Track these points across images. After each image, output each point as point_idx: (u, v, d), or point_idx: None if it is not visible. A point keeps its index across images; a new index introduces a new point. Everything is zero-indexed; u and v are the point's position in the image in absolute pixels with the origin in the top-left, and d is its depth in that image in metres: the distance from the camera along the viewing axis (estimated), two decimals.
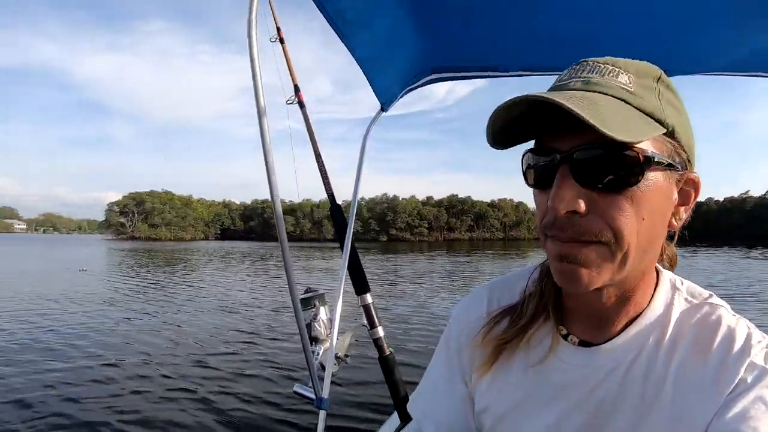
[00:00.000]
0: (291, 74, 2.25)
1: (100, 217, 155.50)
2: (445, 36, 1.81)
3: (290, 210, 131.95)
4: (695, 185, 0.69)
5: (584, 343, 0.75)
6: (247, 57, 1.41)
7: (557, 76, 0.74)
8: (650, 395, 0.69)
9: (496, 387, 0.81)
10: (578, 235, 0.62)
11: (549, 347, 0.77)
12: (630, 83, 0.64)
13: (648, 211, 0.63)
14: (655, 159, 0.61)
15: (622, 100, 0.62)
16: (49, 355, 7.78)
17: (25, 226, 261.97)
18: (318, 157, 2.18)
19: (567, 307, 0.78)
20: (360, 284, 2.10)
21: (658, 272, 0.76)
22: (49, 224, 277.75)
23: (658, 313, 0.72)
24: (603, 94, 0.62)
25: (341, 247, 2.05)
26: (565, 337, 0.76)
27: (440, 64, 2.01)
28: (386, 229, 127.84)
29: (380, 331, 2.08)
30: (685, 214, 0.70)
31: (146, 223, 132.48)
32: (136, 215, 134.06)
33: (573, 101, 0.57)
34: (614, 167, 0.61)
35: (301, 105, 2.22)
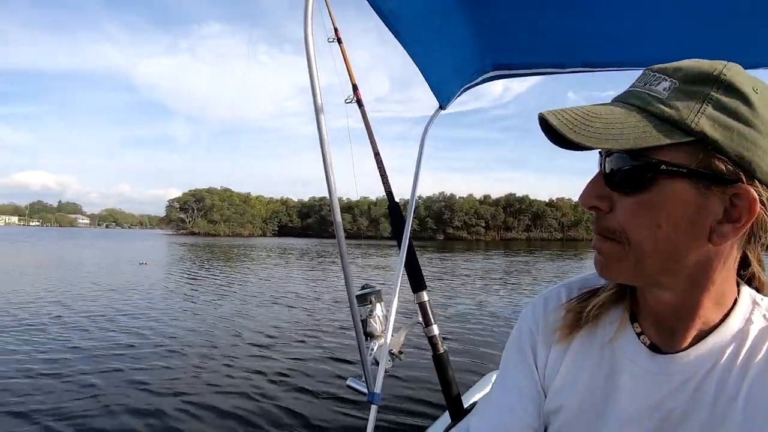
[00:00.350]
0: (349, 73, 2.26)
1: (161, 212, 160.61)
2: (505, 32, 1.79)
3: (348, 208, 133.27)
4: (749, 201, 0.61)
5: (654, 348, 0.74)
6: (304, 57, 1.43)
7: (619, 71, 0.76)
8: (720, 411, 0.68)
9: (572, 374, 0.81)
10: (600, 230, 0.69)
11: (617, 326, 0.79)
12: (667, 90, 0.63)
13: (665, 219, 0.63)
14: (663, 167, 0.62)
15: (644, 109, 0.63)
16: (117, 339, 8.20)
17: (88, 221, 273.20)
18: (377, 155, 2.18)
19: (638, 303, 0.78)
20: (416, 281, 2.09)
21: (739, 287, 0.74)
22: (111, 219, 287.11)
23: (735, 328, 0.70)
24: (626, 103, 0.66)
25: (398, 245, 2.06)
26: (638, 336, 0.76)
27: (500, 62, 1.99)
28: (443, 227, 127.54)
29: (435, 329, 2.07)
30: (733, 235, 0.63)
31: (205, 219, 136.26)
32: (195, 211, 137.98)
33: (566, 115, 0.64)
34: (624, 172, 0.65)
35: (360, 104, 2.23)
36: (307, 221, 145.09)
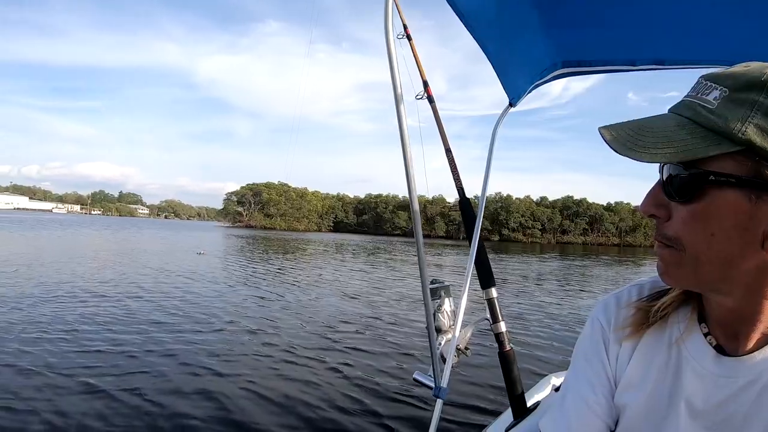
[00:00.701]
0: (420, 70, 2.26)
1: (218, 205, 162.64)
2: (576, 30, 1.78)
3: (405, 206, 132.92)
4: None
5: (720, 349, 0.75)
6: (379, 55, 1.46)
7: (691, 69, 0.76)
8: None
9: (640, 371, 0.82)
10: (660, 237, 0.71)
11: (685, 326, 0.79)
12: (717, 99, 0.62)
13: (718, 228, 0.63)
14: (711, 177, 0.62)
15: (694, 120, 0.64)
16: (184, 320, 8.61)
17: (147, 211, 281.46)
18: (448, 151, 2.19)
19: (703, 305, 0.79)
20: (486, 278, 2.09)
21: None
22: (170, 210, 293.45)
23: None
24: (678, 115, 0.67)
25: (469, 241, 2.07)
26: (705, 336, 0.77)
27: (570, 59, 1.97)
28: (498, 228, 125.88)
29: (502, 326, 2.07)
30: None
31: (262, 213, 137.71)
32: (252, 205, 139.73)
33: (620, 130, 0.67)
34: (678, 182, 0.66)
35: (431, 100, 2.23)
36: (363, 218, 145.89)
